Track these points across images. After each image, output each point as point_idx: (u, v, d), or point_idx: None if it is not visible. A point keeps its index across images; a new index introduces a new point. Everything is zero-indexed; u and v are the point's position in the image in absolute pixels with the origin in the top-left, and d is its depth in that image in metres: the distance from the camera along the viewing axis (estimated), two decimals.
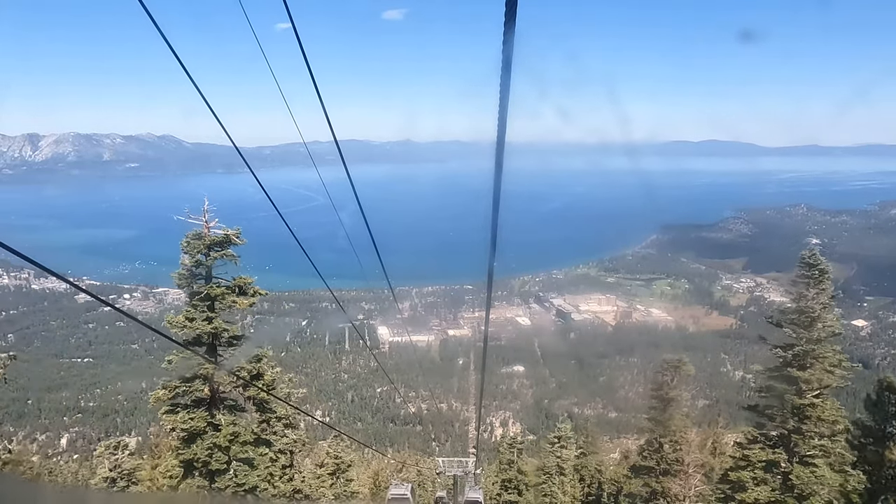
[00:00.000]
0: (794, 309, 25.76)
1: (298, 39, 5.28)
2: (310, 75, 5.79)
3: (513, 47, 2.95)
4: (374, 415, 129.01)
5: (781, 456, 24.83)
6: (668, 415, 33.06)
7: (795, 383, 24.32)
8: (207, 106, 5.27)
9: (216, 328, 21.69)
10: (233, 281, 22.38)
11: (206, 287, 21.75)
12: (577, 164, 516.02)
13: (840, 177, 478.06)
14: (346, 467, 35.67)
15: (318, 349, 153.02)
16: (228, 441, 21.27)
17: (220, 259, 21.88)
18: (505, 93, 3.26)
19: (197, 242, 21.42)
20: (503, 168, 4.02)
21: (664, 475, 32.89)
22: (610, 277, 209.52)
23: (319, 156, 9.80)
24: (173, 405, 21.51)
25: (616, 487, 43.66)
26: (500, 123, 3.50)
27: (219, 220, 22.01)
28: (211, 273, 22.03)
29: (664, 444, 33.09)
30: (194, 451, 20.92)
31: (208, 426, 21.47)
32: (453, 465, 31.47)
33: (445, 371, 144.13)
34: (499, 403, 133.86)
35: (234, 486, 21.36)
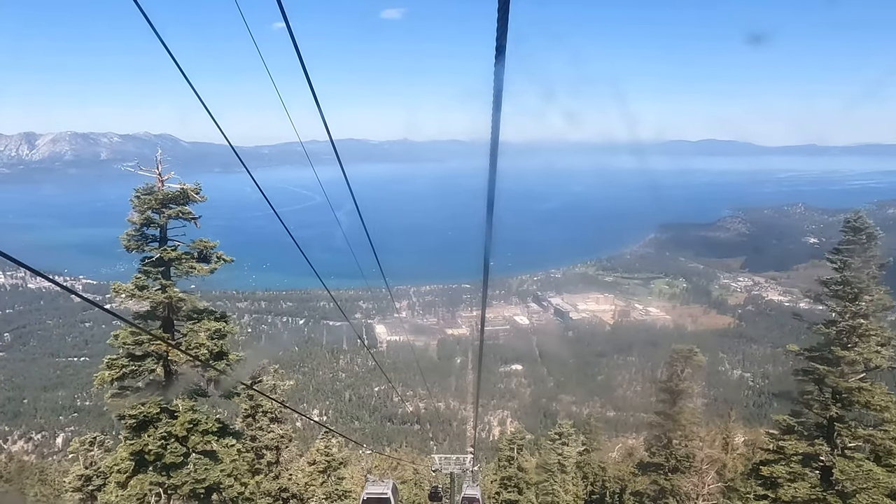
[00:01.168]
0: (838, 280, 22.23)
1: (293, 40, 5.27)
2: (305, 75, 5.80)
3: (505, 47, 2.96)
4: (372, 414, 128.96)
5: (822, 448, 21.80)
6: (678, 408, 31.38)
7: (838, 364, 21.64)
8: (203, 105, 5.27)
9: (171, 297, 18.84)
10: (192, 244, 19.48)
11: (159, 250, 18.96)
12: (575, 163, 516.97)
13: (838, 176, 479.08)
14: (338, 465, 34.38)
15: (315, 348, 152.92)
16: (186, 430, 18.59)
17: (177, 219, 19.10)
18: (498, 92, 3.27)
19: (148, 198, 18.60)
20: (497, 167, 4.04)
21: (673, 472, 31.34)
22: (608, 276, 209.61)
23: (318, 155, 9.80)
24: (122, 388, 18.88)
25: (620, 485, 42.77)
26: (494, 123, 3.52)
27: (180, 179, 19.10)
28: (166, 234, 19.22)
29: (673, 440, 31.44)
30: (145, 442, 18.27)
31: (162, 413, 18.73)
32: (450, 463, 30.36)
33: (443, 370, 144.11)
34: (497, 402, 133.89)
35: (192, 482, 18.64)
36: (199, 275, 19.22)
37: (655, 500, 32.09)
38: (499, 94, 3.31)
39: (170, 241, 19.26)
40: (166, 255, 18.75)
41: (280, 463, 29.50)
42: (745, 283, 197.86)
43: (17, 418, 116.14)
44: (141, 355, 18.81)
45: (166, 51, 4.65)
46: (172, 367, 19.20)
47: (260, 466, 28.22)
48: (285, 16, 4.89)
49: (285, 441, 29.44)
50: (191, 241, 19.34)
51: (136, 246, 18.99)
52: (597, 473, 45.76)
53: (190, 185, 19.19)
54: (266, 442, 28.23)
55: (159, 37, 4.56)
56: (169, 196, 18.78)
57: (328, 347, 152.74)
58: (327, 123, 6.46)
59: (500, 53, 3.02)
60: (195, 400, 19.57)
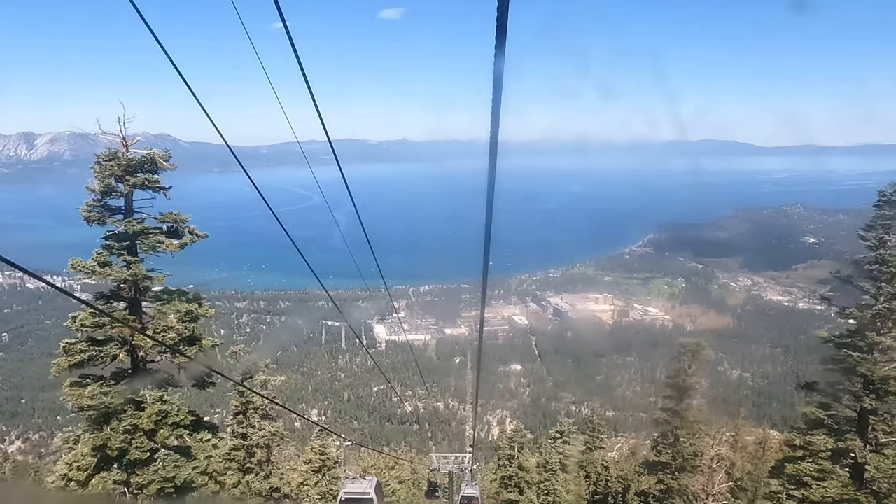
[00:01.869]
0: (872, 259, 20.61)
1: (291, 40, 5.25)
2: (303, 76, 5.78)
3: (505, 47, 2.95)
4: (371, 414, 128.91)
5: (854, 443, 20.09)
6: (685, 405, 30.20)
7: (871, 351, 19.95)
8: (199, 105, 5.25)
9: (136, 275, 17.04)
10: (160, 216, 17.66)
11: (123, 222, 17.18)
12: (574, 163, 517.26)
13: (836, 176, 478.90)
14: (333, 465, 33.20)
15: (314, 348, 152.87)
16: (154, 423, 16.87)
17: (144, 189, 17.30)
18: (497, 93, 3.26)
19: (110, 164, 16.71)
20: (497, 167, 4.03)
21: (680, 471, 30.35)
22: (607, 276, 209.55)
23: (317, 155, 9.80)
24: (82, 376, 17.13)
25: (623, 485, 41.92)
26: (494, 122, 3.51)
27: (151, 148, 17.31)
28: (131, 205, 17.44)
29: (681, 438, 30.26)
30: (107, 436, 16.54)
31: (127, 404, 16.96)
32: (449, 462, 29.75)
33: (442, 370, 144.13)
34: (496, 402, 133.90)
35: (160, 480, 16.95)
36: (168, 250, 17.49)
37: (661, 501, 31.20)
38: (498, 92, 3.30)
39: (136, 213, 17.47)
40: (131, 227, 16.97)
41: (271, 462, 28.67)
42: (745, 283, 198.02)
43: (15, 418, 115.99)
44: (102, 340, 17.18)
45: (162, 50, 4.62)
46: (138, 353, 17.60)
47: (251, 465, 27.68)
48: (283, 17, 4.88)
49: (276, 439, 28.55)
50: (159, 214, 17.62)
51: (97, 218, 17.14)
52: (600, 473, 44.81)
53: (158, 151, 17.24)
54: (257, 440, 27.42)
55: (155, 36, 4.53)
56: (134, 162, 16.84)
57: (327, 347, 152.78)
58: (325, 124, 6.45)
59: (500, 53, 3.01)
60: (165, 390, 17.82)
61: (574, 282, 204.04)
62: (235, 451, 27.50)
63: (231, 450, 27.55)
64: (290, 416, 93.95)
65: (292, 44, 5.24)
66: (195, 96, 5.16)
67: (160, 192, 17.53)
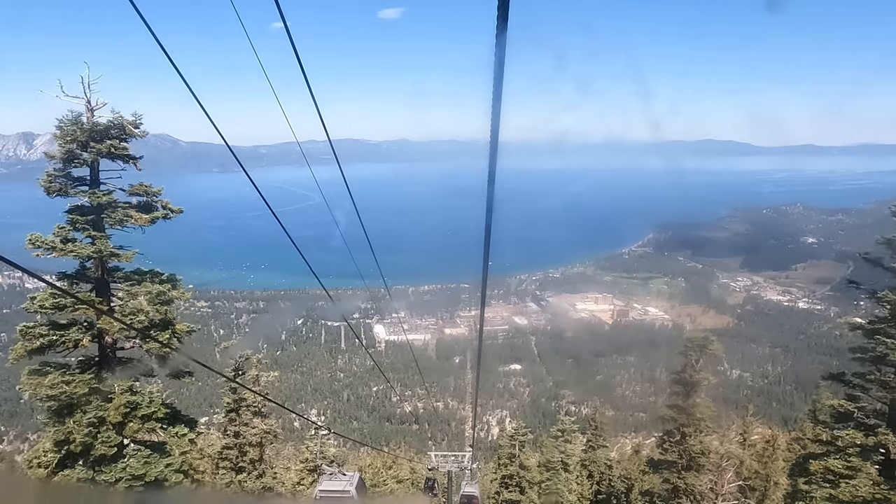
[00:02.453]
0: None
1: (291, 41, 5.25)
2: (304, 77, 5.77)
3: (505, 46, 2.94)
4: (370, 414, 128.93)
5: (887, 437, 18.67)
6: (692, 401, 29.36)
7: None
8: (199, 105, 5.23)
9: (101, 252, 15.49)
10: (130, 188, 16.09)
11: (88, 194, 15.56)
12: (573, 163, 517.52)
13: (836, 176, 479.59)
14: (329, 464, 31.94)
15: (313, 348, 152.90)
16: (122, 416, 15.38)
17: (112, 158, 15.73)
18: (498, 93, 3.26)
19: (73, 129, 15.12)
20: (497, 166, 4.03)
21: (687, 470, 29.42)
22: (607, 276, 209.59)
23: (316, 155, 9.80)
24: (43, 364, 15.50)
25: (627, 485, 41.10)
26: (494, 122, 3.50)
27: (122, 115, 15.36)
28: (97, 175, 15.80)
29: (688, 435, 29.25)
30: (70, 430, 15.00)
31: (93, 394, 15.32)
32: (448, 461, 28.99)
33: (442, 370, 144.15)
34: (496, 402, 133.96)
35: (128, 477, 15.47)
36: (137, 224, 15.96)
37: (667, 501, 30.18)
38: (498, 92, 3.29)
39: (102, 184, 15.84)
40: (96, 200, 15.36)
41: (264, 461, 27.81)
42: (744, 283, 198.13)
43: (14, 418, 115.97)
44: (65, 324, 15.62)
45: (162, 49, 4.61)
46: (106, 339, 16.07)
47: (243, 464, 26.99)
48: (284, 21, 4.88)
49: (269, 437, 27.67)
50: (129, 185, 16.10)
51: (59, 189, 15.44)
52: (603, 472, 44.02)
53: (127, 117, 15.64)
54: (249, 438, 26.58)
55: (154, 36, 4.52)
56: (99, 128, 15.28)
57: (326, 347, 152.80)
58: (325, 124, 6.45)
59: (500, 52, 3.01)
60: (136, 379, 16.37)
61: (573, 281, 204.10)
62: (228, 449, 26.88)
63: (223, 448, 27.05)
64: (289, 415, 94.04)
65: (293, 45, 5.25)
66: (195, 96, 5.15)
67: (130, 163, 15.98)
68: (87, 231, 15.50)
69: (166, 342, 15.80)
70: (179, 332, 16.67)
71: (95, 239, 15.43)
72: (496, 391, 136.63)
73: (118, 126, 15.48)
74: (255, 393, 24.98)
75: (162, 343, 15.61)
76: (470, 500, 26.30)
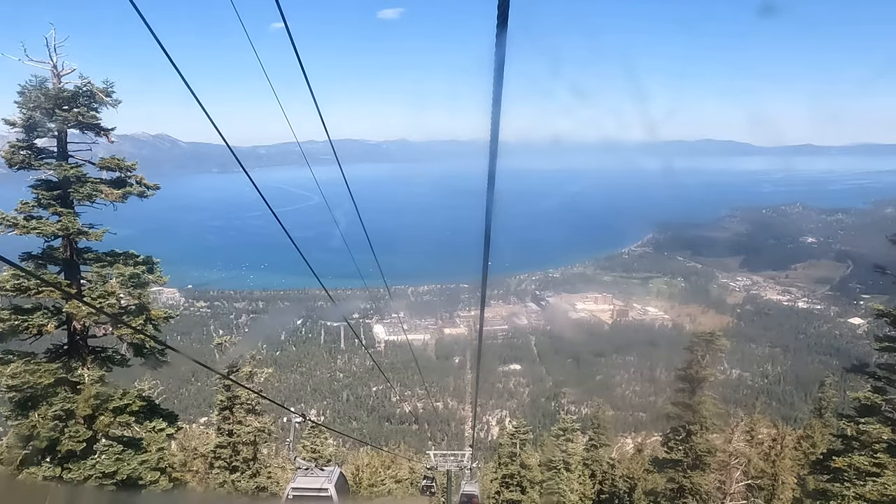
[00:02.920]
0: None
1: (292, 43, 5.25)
2: (304, 78, 5.78)
3: (505, 46, 2.94)
4: (370, 414, 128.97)
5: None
6: (698, 398, 28.62)
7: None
8: (199, 104, 5.23)
9: (67, 229, 14.36)
10: (101, 161, 14.86)
11: (54, 167, 14.33)
12: (573, 162, 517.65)
13: (835, 176, 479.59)
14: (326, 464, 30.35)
15: (313, 348, 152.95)
16: (92, 408, 14.30)
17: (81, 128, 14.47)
18: (498, 93, 3.26)
19: (36, 94, 13.75)
20: (496, 166, 4.03)
21: (693, 469, 28.65)
22: (606, 276, 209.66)
23: (316, 155, 9.82)
24: (6, 352, 14.55)
25: (629, 484, 40.27)
26: (494, 122, 3.50)
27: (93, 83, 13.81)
28: (65, 147, 14.56)
29: (693, 433, 28.49)
30: (33, 423, 13.90)
31: (60, 385, 14.30)
32: (447, 460, 28.47)
33: (441, 370, 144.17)
34: (495, 402, 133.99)
35: (98, 475, 14.37)
36: (108, 200, 14.74)
37: (672, 500, 29.34)
38: (498, 91, 3.29)
39: (71, 157, 14.64)
40: (63, 173, 14.16)
41: (258, 460, 27.04)
42: (744, 283, 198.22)
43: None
44: (28, 308, 14.53)
45: (162, 49, 4.61)
46: (75, 326, 14.93)
47: (237, 463, 26.34)
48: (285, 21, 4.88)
49: (263, 435, 26.82)
50: (100, 158, 14.90)
51: (21, 161, 14.21)
52: (606, 471, 43.18)
53: (98, 84, 14.26)
54: (243, 437, 25.82)
55: (155, 36, 4.51)
56: (66, 95, 13.93)
57: (326, 347, 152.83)
58: (326, 124, 6.45)
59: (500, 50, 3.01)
60: (108, 369, 15.15)
61: (573, 281, 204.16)
62: (222, 448, 26.24)
63: (217, 447, 26.48)
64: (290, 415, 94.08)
65: (294, 46, 5.25)
66: (195, 96, 5.15)
67: (102, 135, 14.72)
68: (54, 207, 14.28)
69: (140, 328, 14.62)
70: (156, 319, 15.46)
71: (62, 216, 14.22)
72: (496, 391, 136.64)
73: (87, 93, 14.12)
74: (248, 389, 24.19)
75: (135, 329, 14.42)
76: (470, 499, 26.21)
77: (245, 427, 25.67)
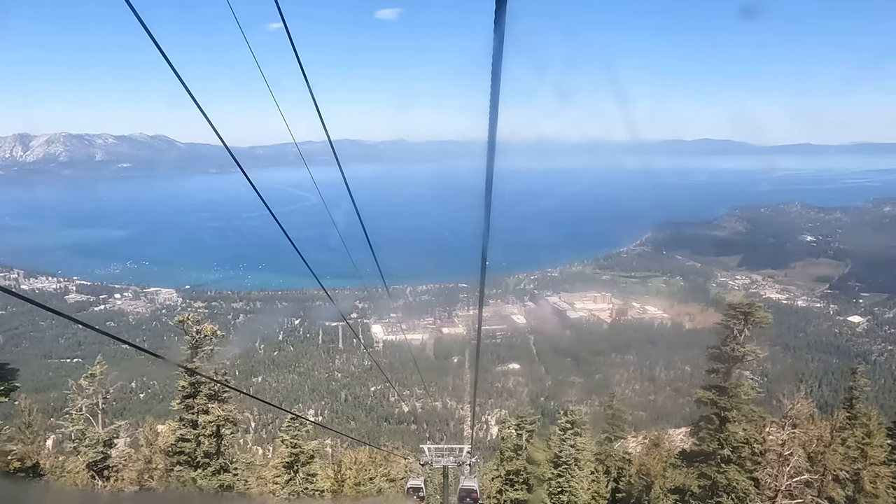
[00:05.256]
0: None
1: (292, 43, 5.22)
2: (304, 78, 5.74)
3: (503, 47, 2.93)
4: (368, 413, 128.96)
5: None
6: (735, 380, 25.16)
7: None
8: (196, 105, 5.20)
9: None
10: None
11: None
12: (572, 162, 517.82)
13: (833, 175, 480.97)
14: (308, 459, 28.45)
15: (311, 348, 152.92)
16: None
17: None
18: (496, 92, 3.25)
19: None
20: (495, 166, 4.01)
21: (727, 462, 25.07)
22: (605, 275, 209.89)
23: (313, 155, 9.77)
24: None
25: (647, 481, 36.32)
26: (491, 121, 3.49)
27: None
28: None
29: (729, 420, 24.90)
30: None
31: None
32: (443, 454, 27.00)
33: (440, 369, 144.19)
34: (494, 401, 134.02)
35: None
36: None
37: (703, 500, 25.98)
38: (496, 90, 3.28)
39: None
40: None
41: (223, 454, 23.89)
42: (743, 281, 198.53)
43: (7, 420, 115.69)
44: None
45: (158, 50, 4.58)
46: None
47: (199, 458, 23.61)
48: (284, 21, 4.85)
49: (229, 425, 23.72)
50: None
51: None
52: (622, 467, 40.11)
53: None
54: (208, 429, 23.20)
55: (151, 36, 4.47)
56: None
57: (324, 347, 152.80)
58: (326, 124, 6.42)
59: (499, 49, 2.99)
60: None
61: (572, 280, 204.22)
62: (184, 441, 23.45)
63: (179, 440, 23.76)
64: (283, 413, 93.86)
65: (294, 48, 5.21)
66: (192, 96, 5.11)
67: None
68: None
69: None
70: None
71: None
72: (494, 390, 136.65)
73: None
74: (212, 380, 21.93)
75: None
76: (469, 493, 25.91)
77: (206, 416, 23.18)
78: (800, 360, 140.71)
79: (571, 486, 33.07)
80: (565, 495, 33.06)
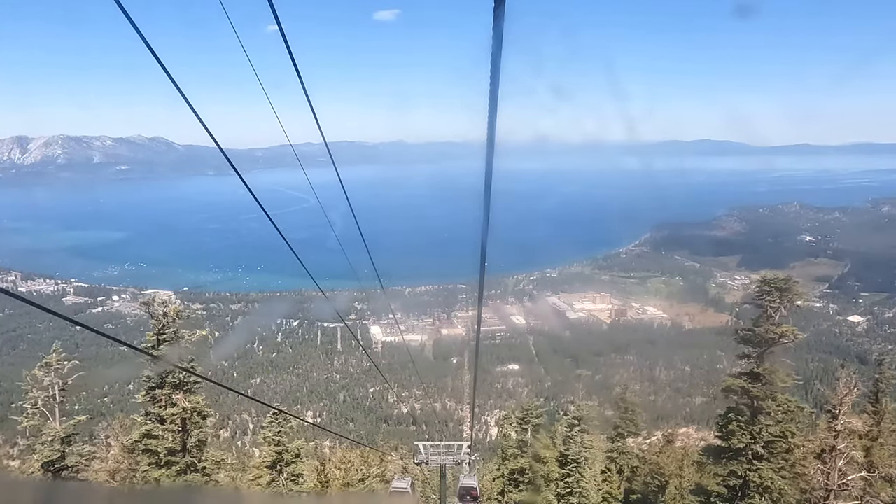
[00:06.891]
0: None
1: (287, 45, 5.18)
2: (299, 81, 5.71)
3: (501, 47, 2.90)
4: (367, 415, 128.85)
5: None
6: (770, 365, 22.50)
7: None
8: (190, 108, 5.16)
9: None
10: None
11: None
12: (570, 162, 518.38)
13: (832, 175, 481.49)
14: (293, 458, 27.11)
15: (309, 349, 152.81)
16: None
17: None
18: (494, 93, 3.23)
19: None
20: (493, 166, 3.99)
21: (759, 459, 22.16)
22: (604, 275, 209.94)
23: (312, 157, 9.72)
24: None
25: (661, 481, 34.12)
26: (490, 122, 3.47)
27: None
28: None
29: (762, 412, 22.05)
30: None
31: None
32: (440, 452, 25.92)
33: (439, 370, 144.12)
34: (493, 402, 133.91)
35: None
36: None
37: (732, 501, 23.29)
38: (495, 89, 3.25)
39: None
40: None
41: (188, 450, 21.96)
42: (742, 281, 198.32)
43: (4, 423, 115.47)
44: None
45: (151, 52, 4.54)
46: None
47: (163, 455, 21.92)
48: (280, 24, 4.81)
49: (196, 417, 21.83)
50: None
51: None
52: (636, 465, 38.10)
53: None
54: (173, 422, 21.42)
55: (143, 38, 4.44)
56: None
57: (322, 349, 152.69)
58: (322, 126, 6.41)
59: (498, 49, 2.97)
60: None
61: (571, 281, 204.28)
62: (150, 437, 21.68)
63: (144, 436, 21.96)
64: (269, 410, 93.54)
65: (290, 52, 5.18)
66: (187, 100, 5.07)
67: None
68: None
69: None
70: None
71: None
72: (494, 391, 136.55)
73: None
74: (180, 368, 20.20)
75: None
76: (469, 491, 25.68)
77: (170, 409, 21.48)
78: (800, 360, 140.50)
79: (581, 487, 31.13)
80: (575, 496, 31.18)
